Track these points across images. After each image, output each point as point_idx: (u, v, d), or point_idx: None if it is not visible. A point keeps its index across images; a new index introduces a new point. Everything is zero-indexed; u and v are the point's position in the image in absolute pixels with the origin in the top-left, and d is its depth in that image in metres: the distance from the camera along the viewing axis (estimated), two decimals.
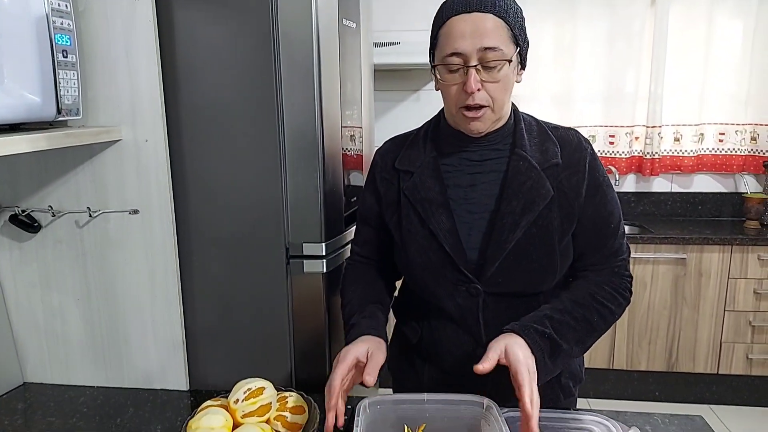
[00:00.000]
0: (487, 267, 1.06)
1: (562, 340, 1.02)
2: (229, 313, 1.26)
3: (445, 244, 1.06)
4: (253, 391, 0.93)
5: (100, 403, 1.22)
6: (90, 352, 1.28)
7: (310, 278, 1.23)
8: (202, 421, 0.89)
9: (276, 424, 0.95)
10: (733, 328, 2.73)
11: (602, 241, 1.11)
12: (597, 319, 1.07)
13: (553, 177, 1.06)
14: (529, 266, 1.06)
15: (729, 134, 3.03)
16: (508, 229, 1.05)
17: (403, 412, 0.93)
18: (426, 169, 1.10)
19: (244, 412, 0.92)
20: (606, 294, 1.09)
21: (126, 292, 1.23)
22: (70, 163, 1.19)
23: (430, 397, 0.93)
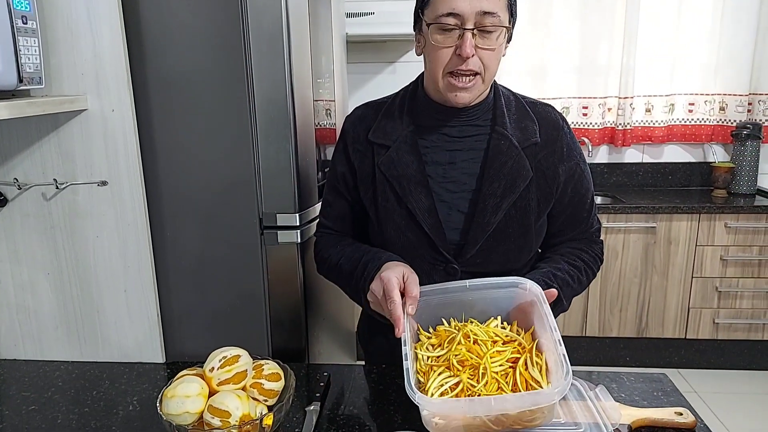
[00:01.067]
0: (468, 248, 1.06)
1: (563, 295, 1.04)
2: (204, 284, 1.25)
3: (423, 224, 1.05)
4: (228, 359, 0.93)
5: (75, 377, 1.21)
6: (63, 327, 1.27)
7: (284, 249, 1.24)
8: (177, 389, 0.90)
9: (252, 391, 0.96)
10: (700, 294, 2.81)
11: (580, 217, 1.14)
12: (584, 278, 1.12)
13: (532, 156, 1.06)
14: (507, 246, 1.07)
15: (698, 104, 3.08)
16: (490, 211, 1.04)
17: (446, 299, 0.96)
18: (403, 144, 1.06)
19: (219, 380, 0.92)
20: (589, 256, 1.14)
21: (98, 265, 1.22)
22: (34, 134, 1.16)
23: (471, 283, 0.96)
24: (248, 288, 1.25)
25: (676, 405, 1.03)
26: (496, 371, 0.86)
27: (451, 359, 0.87)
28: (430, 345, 0.93)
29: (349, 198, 1.14)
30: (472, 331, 0.91)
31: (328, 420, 1.02)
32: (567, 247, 1.15)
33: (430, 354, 0.91)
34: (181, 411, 0.87)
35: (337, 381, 1.14)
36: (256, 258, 1.24)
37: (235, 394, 0.89)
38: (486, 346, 0.89)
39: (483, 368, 0.85)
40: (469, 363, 0.88)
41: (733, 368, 2.91)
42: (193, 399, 0.88)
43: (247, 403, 0.89)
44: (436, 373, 0.86)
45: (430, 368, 0.88)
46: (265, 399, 0.96)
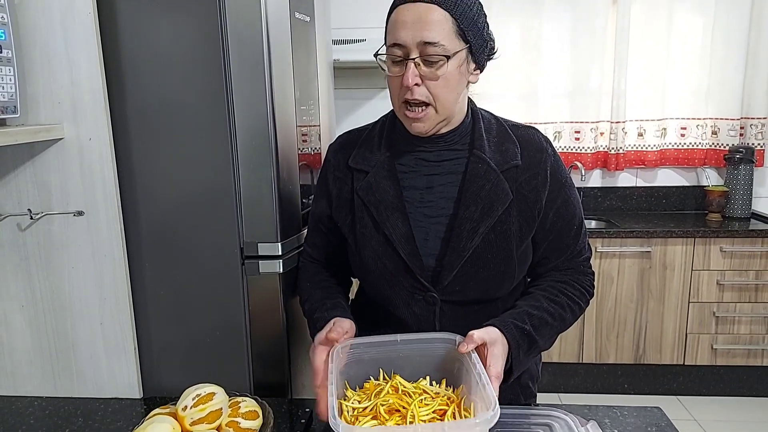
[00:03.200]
0: (444, 275, 1.03)
1: (538, 336, 1.02)
2: (183, 316, 1.22)
3: (400, 251, 1.03)
4: (202, 397, 0.89)
5: (48, 413, 1.17)
6: (38, 361, 1.22)
7: (266, 279, 1.20)
8: (147, 430, 0.86)
9: (228, 430, 0.92)
10: (697, 319, 2.77)
11: (565, 243, 1.09)
12: (569, 315, 1.08)
13: (512, 180, 1.03)
14: (487, 273, 1.04)
15: (690, 129, 3.08)
16: (466, 236, 1.02)
17: (377, 354, 0.94)
18: (381, 169, 1.06)
19: (192, 419, 0.88)
20: (575, 291, 1.09)
21: (73, 297, 1.18)
22: (9, 163, 1.13)
23: (402, 338, 0.95)
24: (229, 319, 1.21)
25: None
26: (424, 419, 0.82)
27: (378, 408, 0.84)
28: (356, 400, 0.90)
29: (326, 230, 1.15)
30: (401, 383, 0.90)
31: None
32: (551, 281, 1.10)
33: (356, 406, 0.87)
34: None
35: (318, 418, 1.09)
36: (236, 288, 1.20)
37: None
38: (414, 396, 0.87)
39: (411, 415, 0.81)
40: (397, 412, 0.84)
41: (732, 395, 2.86)
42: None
43: None
44: (363, 422, 0.83)
45: (355, 419, 0.85)
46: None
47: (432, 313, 1.06)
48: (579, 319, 1.14)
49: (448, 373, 0.96)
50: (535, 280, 1.13)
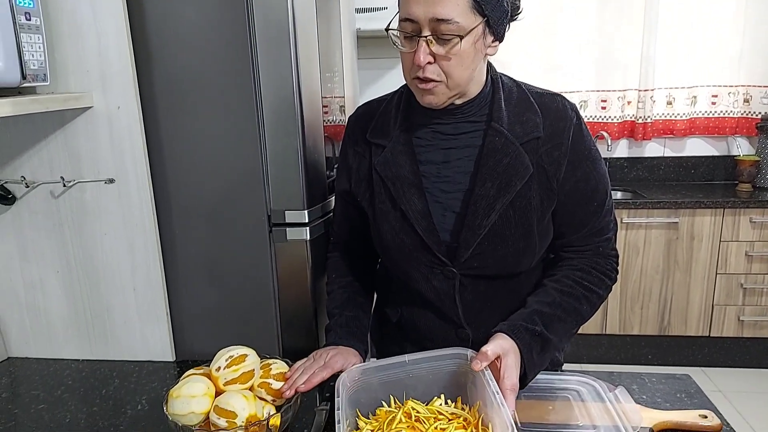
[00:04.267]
0: (461, 251, 1.01)
1: (552, 334, 0.98)
2: (213, 282, 1.24)
3: (417, 227, 1.01)
4: (234, 359, 0.91)
5: (85, 375, 1.21)
6: (73, 325, 1.26)
7: (293, 246, 1.21)
8: (183, 389, 0.88)
9: (260, 391, 0.94)
10: (724, 290, 2.73)
11: (584, 220, 1.04)
12: (585, 306, 1.03)
13: (533, 152, 0.98)
14: (506, 250, 1.01)
15: (722, 96, 2.99)
16: (482, 213, 0.98)
17: (386, 377, 0.92)
18: (397, 144, 1.03)
19: (226, 380, 0.90)
20: (593, 279, 1.04)
21: (106, 263, 1.21)
22: (41, 132, 1.15)
23: (411, 358, 0.92)
24: (258, 286, 1.23)
25: (700, 407, 0.98)
26: None
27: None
28: (369, 430, 0.87)
29: (349, 205, 1.14)
30: (414, 408, 0.87)
31: None
32: (566, 269, 1.06)
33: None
34: (187, 411, 0.85)
35: None
36: (264, 256, 1.21)
37: (242, 395, 0.87)
38: (428, 422, 0.84)
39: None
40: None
41: (759, 367, 2.83)
42: (199, 399, 0.86)
43: (254, 404, 0.87)
44: None
45: None
46: (273, 399, 0.93)
47: (452, 287, 1.05)
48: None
49: (461, 389, 0.93)
50: (551, 268, 1.09)
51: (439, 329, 1.09)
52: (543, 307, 1.00)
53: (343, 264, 1.19)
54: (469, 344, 1.06)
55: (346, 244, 1.20)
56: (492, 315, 1.05)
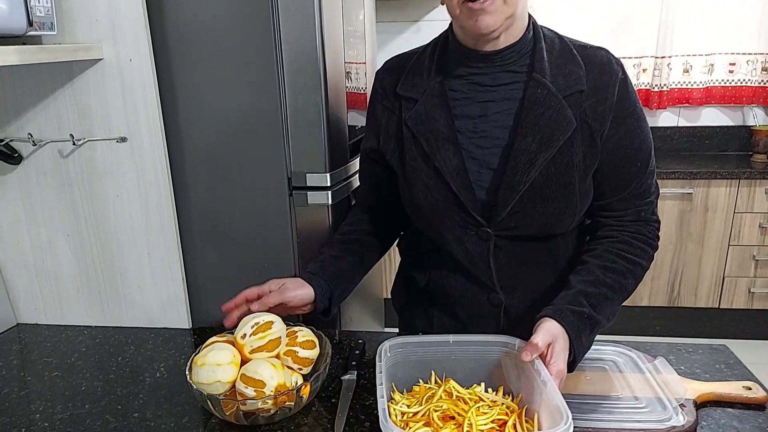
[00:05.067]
0: (499, 210, 0.96)
1: (600, 314, 0.93)
2: (231, 247, 1.19)
3: (452, 184, 0.97)
4: (261, 326, 0.87)
5: (98, 342, 1.16)
6: (85, 291, 1.21)
7: (315, 210, 1.16)
8: (207, 357, 0.84)
9: (286, 359, 0.90)
10: (736, 262, 2.71)
11: (626, 180, 0.99)
12: (630, 280, 0.98)
13: (576, 106, 0.94)
14: (546, 209, 0.96)
15: (740, 65, 2.91)
16: (522, 169, 0.94)
17: (426, 355, 0.88)
18: (431, 96, 0.98)
19: (252, 348, 0.86)
20: (635, 250, 0.99)
21: (119, 226, 1.16)
22: (48, 86, 1.08)
23: (455, 339, 0.87)
24: (277, 252, 1.18)
25: (741, 378, 0.95)
26: (482, 429, 0.75)
27: (432, 414, 0.77)
28: (404, 404, 0.83)
29: (376, 165, 1.08)
30: (455, 388, 0.82)
31: (366, 390, 0.95)
32: (607, 244, 1.00)
33: (406, 410, 0.80)
34: (212, 380, 0.81)
35: (371, 349, 1.08)
36: (284, 220, 1.16)
37: (270, 363, 0.83)
38: (471, 403, 0.80)
39: (468, 424, 0.74)
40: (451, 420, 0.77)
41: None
42: (225, 367, 0.82)
43: (282, 372, 0.83)
44: (413, 430, 0.75)
45: (405, 425, 0.78)
46: (300, 367, 0.90)
47: (486, 249, 1.01)
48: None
49: (504, 380, 0.88)
50: (591, 238, 1.04)
51: (470, 294, 1.05)
52: (587, 287, 0.95)
53: (359, 220, 1.14)
54: (501, 310, 1.03)
55: (371, 208, 1.15)
56: (526, 279, 1.02)
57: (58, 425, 0.89)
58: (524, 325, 0.90)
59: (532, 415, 0.77)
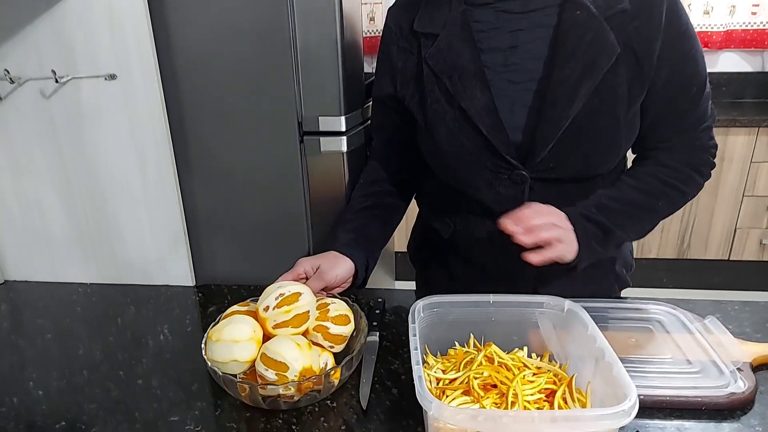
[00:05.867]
0: (537, 151, 0.87)
1: (615, 226, 0.88)
2: (236, 197, 1.08)
3: (481, 126, 0.87)
4: (286, 297, 0.76)
5: (95, 301, 1.08)
6: (77, 246, 1.12)
7: (328, 159, 1.05)
8: (224, 331, 0.74)
9: (315, 335, 0.80)
10: (749, 213, 2.64)
11: (680, 109, 0.89)
12: (663, 203, 0.92)
13: (618, 28, 0.83)
14: (589, 146, 0.87)
15: (763, 6, 2.76)
16: (563, 102, 0.84)
17: (463, 316, 0.79)
18: (453, 29, 0.88)
19: (275, 322, 0.76)
20: (678, 175, 0.91)
21: (111, 176, 1.05)
22: (25, 14, 0.95)
23: (497, 299, 0.78)
24: (286, 203, 1.08)
25: None
26: (529, 400, 0.66)
27: (471, 382, 0.68)
28: (439, 369, 0.74)
29: (391, 112, 1.00)
30: (496, 353, 0.73)
31: (390, 352, 0.88)
32: (650, 165, 0.93)
33: (442, 376, 0.71)
34: (228, 359, 0.72)
35: (390, 308, 1.00)
36: (294, 169, 1.06)
37: (294, 342, 0.73)
38: (515, 371, 0.71)
39: (513, 394, 0.65)
40: (493, 388, 0.68)
41: None
42: (243, 345, 0.73)
43: (309, 353, 0.73)
44: (450, 398, 0.67)
45: (441, 392, 0.69)
46: (331, 345, 0.80)
47: (520, 193, 0.92)
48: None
49: (549, 345, 0.79)
50: (637, 163, 0.97)
51: (500, 242, 0.96)
52: (607, 200, 0.90)
53: (379, 178, 1.06)
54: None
55: (388, 161, 1.06)
56: None
57: (55, 394, 0.81)
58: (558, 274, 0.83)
59: (584, 385, 0.69)
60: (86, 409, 0.78)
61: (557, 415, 0.61)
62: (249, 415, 0.76)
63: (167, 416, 0.76)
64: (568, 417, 0.59)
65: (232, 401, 0.78)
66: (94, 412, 0.77)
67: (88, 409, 0.78)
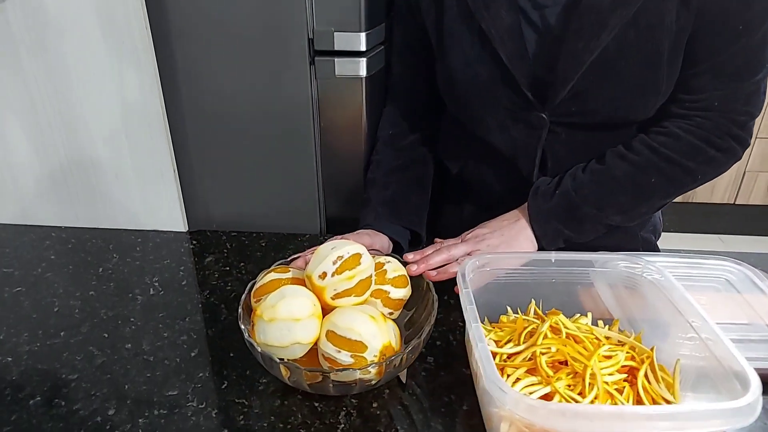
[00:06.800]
0: (557, 88, 0.75)
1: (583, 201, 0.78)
2: (233, 131, 0.93)
3: (500, 51, 0.75)
4: (347, 260, 0.61)
5: (72, 248, 0.93)
6: (47, 183, 0.96)
7: (344, 84, 0.89)
8: (280, 308, 0.58)
9: (374, 302, 0.66)
10: (760, 156, 2.55)
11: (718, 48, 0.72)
12: (655, 179, 0.78)
13: None
14: (619, 88, 0.74)
15: None
16: (590, 32, 0.71)
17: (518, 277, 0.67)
18: None
19: (336, 291, 0.61)
20: (682, 146, 0.77)
21: (85, 100, 0.88)
22: None
23: (559, 257, 0.66)
24: (293, 136, 0.92)
25: None
26: (608, 381, 0.54)
27: (538, 359, 0.56)
28: (491, 339, 0.62)
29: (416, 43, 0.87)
30: (563, 323, 0.60)
31: None
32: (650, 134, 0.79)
33: (498, 350, 0.59)
34: (289, 342, 0.57)
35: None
36: (302, 96, 0.89)
37: (368, 315, 0.59)
38: (588, 345, 0.58)
39: (590, 376, 0.53)
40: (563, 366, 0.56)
41: None
42: (305, 323, 0.58)
43: (386, 327, 0.60)
44: (513, 378, 0.55)
45: (501, 370, 0.57)
46: (390, 312, 0.67)
47: (536, 139, 0.81)
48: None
49: (621, 310, 0.68)
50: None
51: (512, 187, 0.86)
52: (581, 171, 0.80)
53: (403, 121, 0.94)
54: None
55: (409, 92, 0.94)
56: None
57: (27, 360, 0.68)
58: None
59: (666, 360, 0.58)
60: (66, 380, 0.65)
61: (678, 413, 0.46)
62: (262, 389, 0.64)
63: (163, 389, 0.64)
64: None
65: (241, 372, 0.66)
66: (75, 384, 0.65)
67: (67, 380, 0.65)
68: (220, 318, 0.75)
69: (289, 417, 0.60)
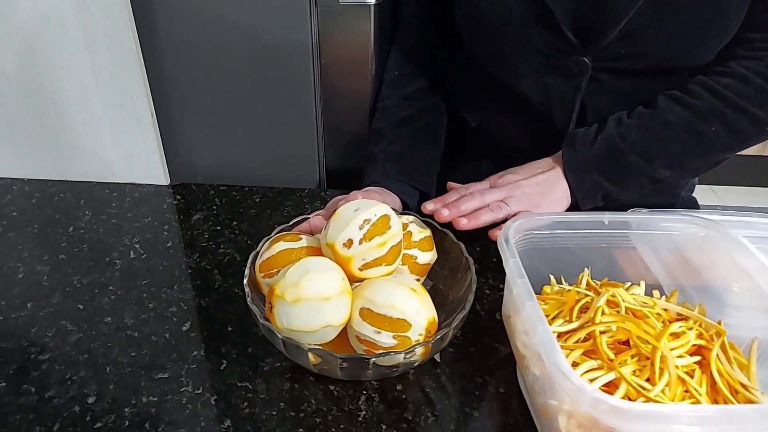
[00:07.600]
0: (606, 29, 0.64)
1: (630, 149, 0.68)
2: (219, 69, 0.80)
3: None
4: (375, 224, 0.51)
5: (37, 203, 0.82)
6: (5, 130, 0.83)
7: (349, 14, 0.77)
8: (305, 286, 0.47)
9: (401, 269, 0.57)
10: None
11: None
12: (714, 126, 0.67)
13: None
14: (682, 24, 0.64)
15: None
16: None
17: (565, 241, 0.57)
18: None
19: (365, 261, 0.51)
20: (748, 90, 0.67)
21: (44, 29, 0.74)
22: None
23: (612, 218, 0.56)
24: (289, 74, 0.80)
25: None
26: (677, 365, 0.46)
27: (598, 338, 0.47)
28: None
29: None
30: (622, 297, 0.51)
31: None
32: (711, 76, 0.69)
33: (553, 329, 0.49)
34: (319, 325, 0.47)
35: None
36: (302, 28, 0.77)
37: (407, 287, 0.49)
38: (655, 323, 0.49)
39: (660, 360, 0.45)
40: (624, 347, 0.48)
41: None
42: (335, 301, 0.48)
43: (427, 300, 0.50)
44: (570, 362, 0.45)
45: None
46: (417, 279, 0.58)
47: (575, 87, 0.71)
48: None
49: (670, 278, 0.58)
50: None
51: (543, 144, 0.75)
52: (628, 116, 0.70)
53: (411, 62, 0.82)
54: None
55: (421, 31, 0.83)
56: None
57: None
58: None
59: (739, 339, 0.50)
60: (35, 361, 0.56)
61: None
62: (267, 369, 0.55)
63: (151, 372, 0.55)
64: None
65: (242, 349, 0.57)
66: (47, 366, 0.55)
67: (37, 361, 0.56)
68: (214, 286, 0.65)
69: (302, 403, 0.52)
